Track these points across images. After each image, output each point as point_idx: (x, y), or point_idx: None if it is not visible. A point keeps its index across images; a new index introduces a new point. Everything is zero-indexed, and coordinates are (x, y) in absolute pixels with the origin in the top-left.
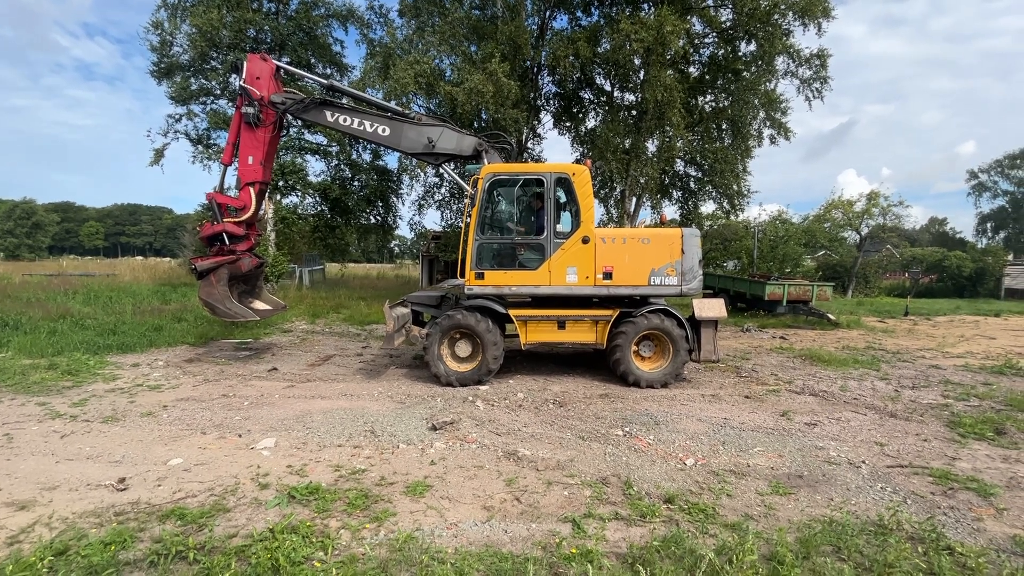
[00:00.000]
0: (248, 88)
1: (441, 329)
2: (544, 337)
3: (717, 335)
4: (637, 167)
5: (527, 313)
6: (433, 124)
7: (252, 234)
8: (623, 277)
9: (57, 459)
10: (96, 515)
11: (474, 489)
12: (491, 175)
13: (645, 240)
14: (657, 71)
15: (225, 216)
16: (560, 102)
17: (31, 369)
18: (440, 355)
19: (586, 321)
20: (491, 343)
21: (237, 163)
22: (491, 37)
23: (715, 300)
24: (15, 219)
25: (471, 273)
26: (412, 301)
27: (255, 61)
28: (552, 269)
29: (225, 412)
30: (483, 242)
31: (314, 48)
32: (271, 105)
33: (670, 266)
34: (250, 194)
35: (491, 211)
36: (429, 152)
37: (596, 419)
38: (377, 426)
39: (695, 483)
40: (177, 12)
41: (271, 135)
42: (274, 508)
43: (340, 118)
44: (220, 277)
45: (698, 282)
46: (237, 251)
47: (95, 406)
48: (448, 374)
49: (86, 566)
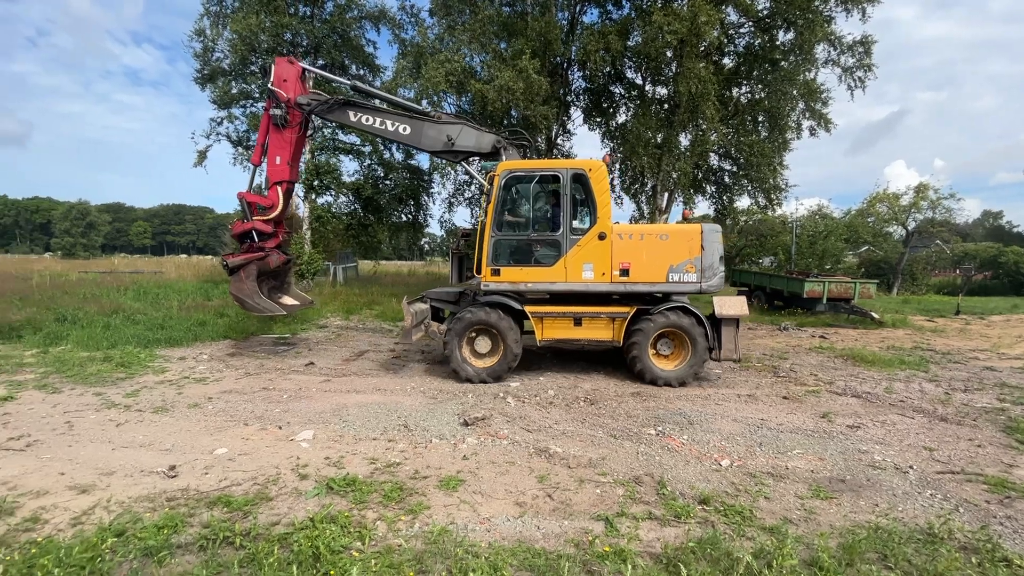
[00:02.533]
0: (275, 90)
1: (460, 326)
2: (560, 334)
3: (739, 333)
4: (669, 162)
5: (543, 310)
6: (452, 122)
7: (280, 231)
8: (640, 274)
9: (113, 446)
10: (150, 500)
11: (506, 485)
12: (507, 171)
13: (663, 236)
14: (691, 63)
15: (255, 214)
16: (590, 97)
17: (88, 361)
18: (460, 351)
19: (603, 318)
20: (511, 339)
21: (266, 163)
22: (521, 34)
23: (737, 298)
24: (71, 220)
25: (487, 269)
26: (431, 297)
27: (282, 64)
28: (568, 265)
29: (266, 404)
30: (499, 238)
31: (348, 50)
32: (297, 107)
33: (689, 263)
34: (278, 193)
35: (507, 207)
36: (449, 150)
37: (628, 417)
38: (410, 420)
39: (731, 484)
40: (219, 19)
41: (297, 136)
42: (313, 498)
43: (363, 118)
44: (249, 273)
45: (719, 279)
46: (266, 248)
47: (146, 397)
48: (468, 370)
49: (143, 548)
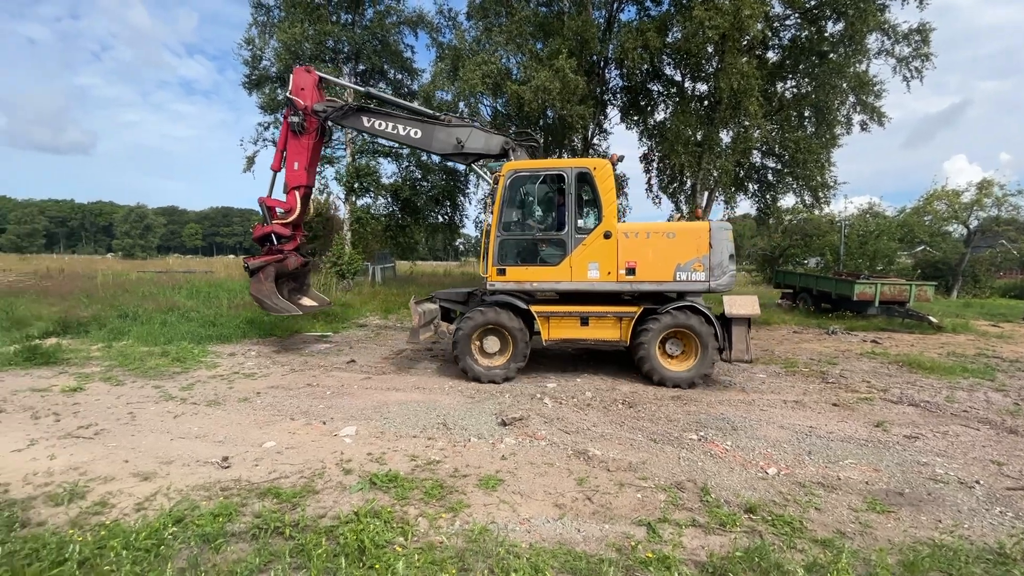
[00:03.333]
0: (293, 98)
1: (469, 326)
2: (566, 334)
3: (750, 333)
4: (710, 160)
5: (549, 309)
6: (462, 125)
7: (298, 235)
8: (647, 273)
9: (171, 437)
10: (205, 489)
11: (545, 486)
12: (512, 171)
13: (670, 234)
14: (733, 58)
15: (274, 218)
16: (627, 95)
17: (148, 356)
18: (469, 351)
19: (609, 318)
20: (519, 339)
21: (284, 169)
22: (557, 33)
23: (748, 297)
24: (130, 222)
25: (493, 269)
26: (440, 297)
27: (299, 73)
28: (573, 265)
29: (310, 400)
30: (504, 238)
31: (387, 55)
32: (314, 113)
33: (697, 261)
34: (296, 197)
35: (512, 207)
36: (458, 152)
37: (668, 421)
38: (449, 419)
39: (779, 494)
40: (266, 29)
41: (314, 142)
42: (357, 493)
43: (376, 123)
44: (268, 275)
45: (729, 278)
46: (284, 251)
47: (200, 391)
48: (477, 369)
49: (200, 534)
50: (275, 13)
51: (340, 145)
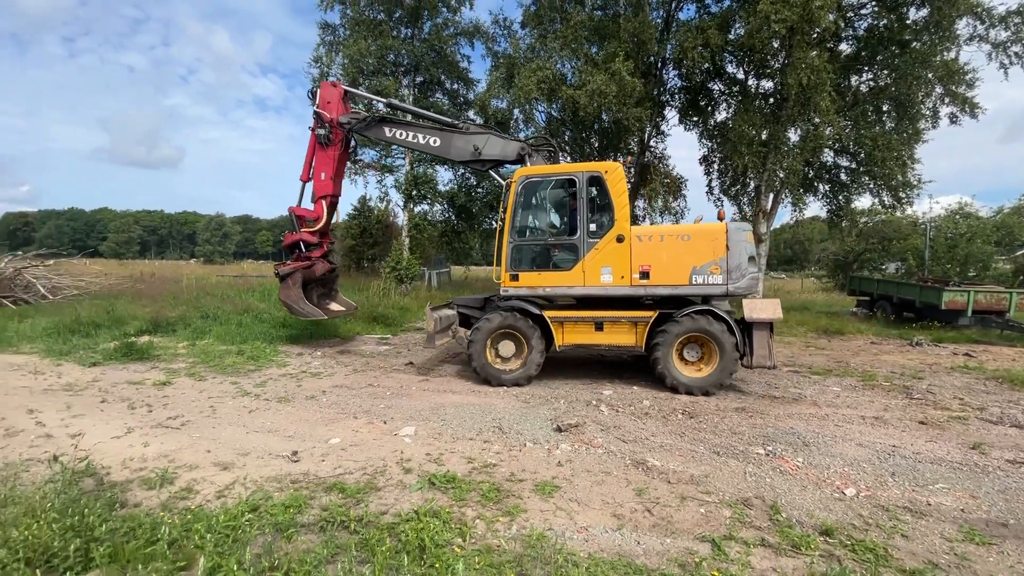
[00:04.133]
0: (320, 112)
1: (484, 331)
2: (580, 339)
3: (773, 339)
4: (775, 160)
5: (562, 314)
6: (479, 132)
7: (325, 242)
8: (661, 276)
9: (247, 430)
10: (277, 480)
11: (602, 495)
12: (523, 177)
13: (685, 237)
14: (802, 52)
15: (303, 227)
16: (686, 96)
17: (226, 354)
18: (484, 355)
19: (624, 322)
20: (535, 344)
21: (312, 180)
22: (613, 36)
23: (769, 300)
24: (211, 230)
25: (506, 275)
26: (458, 304)
27: (326, 87)
28: (586, 269)
29: (371, 400)
30: (517, 244)
31: (444, 66)
32: (339, 126)
33: (714, 264)
34: (322, 206)
35: (524, 213)
36: (476, 159)
37: (732, 434)
38: (504, 423)
39: (858, 517)
40: (332, 47)
41: (339, 152)
42: (417, 492)
43: (397, 132)
44: (296, 280)
45: (748, 281)
46: (312, 257)
47: (272, 388)
48: (492, 373)
49: (273, 523)
50: (341, 32)
51: (399, 155)
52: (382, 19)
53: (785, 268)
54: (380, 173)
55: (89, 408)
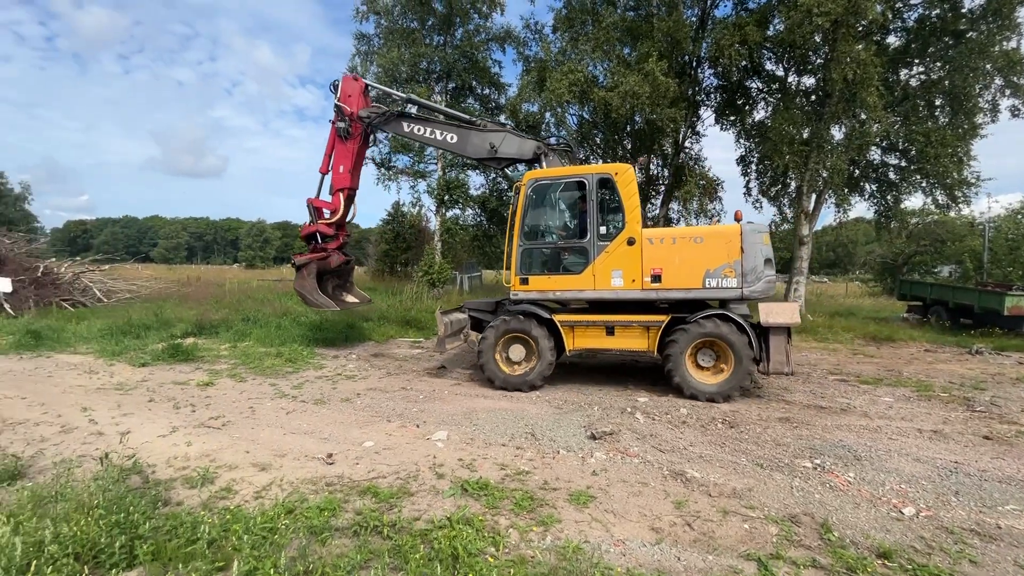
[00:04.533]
0: (341, 105)
1: (493, 335)
2: (591, 343)
3: (790, 344)
4: (818, 159)
5: (573, 318)
6: (496, 130)
7: (342, 234)
8: (673, 280)
9: (284, 431)
10: (312, 483)
11: (639, 507)
12: (533, 180)
13: (698, 239)
14: (847, 46)
15: (320, 219)
16: (723, 95)
17: (265, 356)
18: (494, 360)
19: (635, 327)
20: (544, 348)
21: (331, 172)
22: (646, 36)
23: (787, 304)
24: (252, 236)
25: (515, 279)
26: (469, 307)
27: (348, 81)
28: (596, 273)
29: (405, 403)
30: (527, 247)
31: (475, 72)
32: (359, 119)
33: (728, 267)
34: (340, 199)
35: (534, 216)
36: (492, 157)
37: (776, 445)
38: (537, 429)
39: (919, 539)
40: (367, 57)
41: (358, 146)
42: (450, 498)
43: (415, 128)
44: (311, 271)
45: (764, 284)
46: (328, 249)
47: (309, 390)
48: (502, 377)
49: (308, 526)
50: (375, 41)
51: (432, 160)
52: (415, 27)
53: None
54: (413, 179)
55: (138, 407)
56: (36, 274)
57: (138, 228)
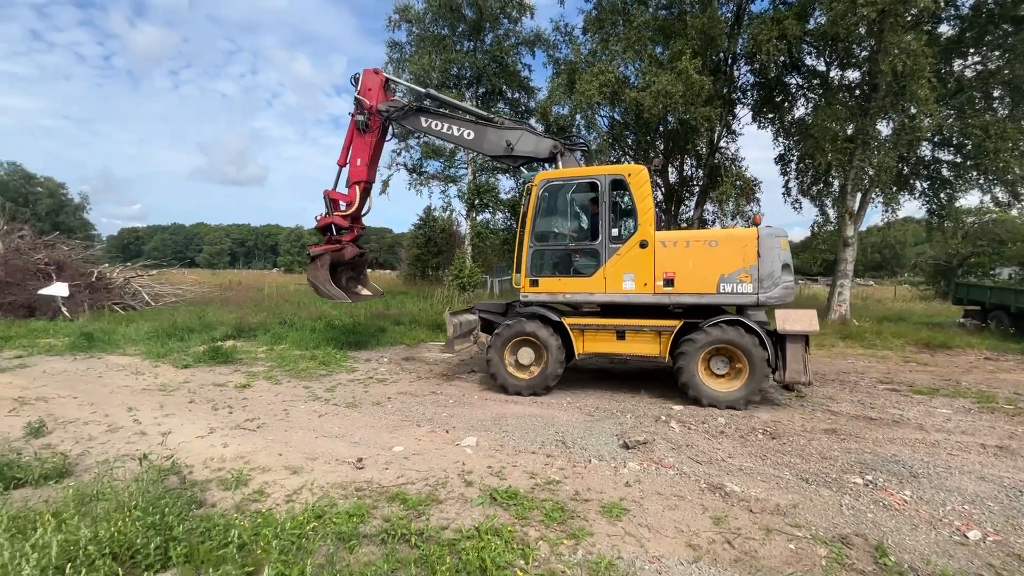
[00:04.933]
0: (361, 99)
1: (502, 338)
2: (601, 348)
3: (808, 352)
4: (864, 156)
5: (583, 322)
6: (513, 128)
7: (356, 227)
8: (686, 284)
9: (316, 435)
10: (342, 487)
11: (676, 521)
12: (544, 181)
13: (713, 243)
14: (895, 37)
15: (335, 210)
16: (760, 92)
17: (300, 359)
18: (502, 363)
19: (647, 331)
20: (553, 352)
21: (348, 165)
22: (679, 34)
23: (804, 311)
24: (291, 241)
25: (526, 280)
26: (480, 309)
27: (368, 75)
28: (607, 276)
29: (434, 408)
30: (537, 248)
31: (505, 76)
32: (377, 113)
33: (743, 272)
34: (356, 192)
35: (545, 217)
36: (508, 154)
37: (822, 459)
38: (567, 437)
39: (987, 567)
40: (399, 64)
41: (376, 139)
42: (478, 507)
43: (432, 123)
44: (324, 262)
45: (782, 290)
46: (342, 241)
47: (341, 393)
48: (510, 381)
49: (336, 532)
50: (407, 49)
51: (463, 165)
52: (446, 34)
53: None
54: (444, 183)
55: (179, 408)
56: (91, 279)
57: (185, 234)
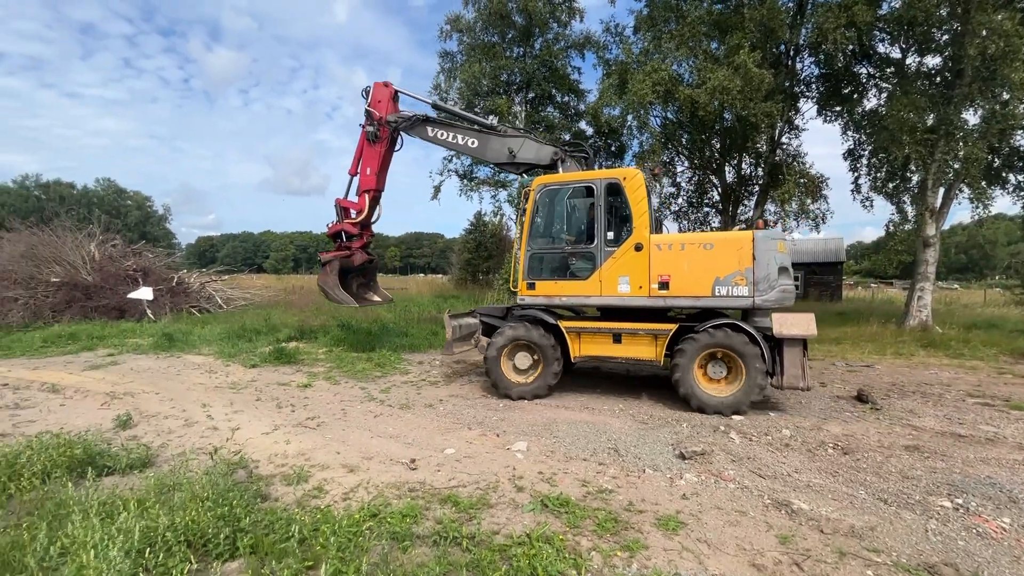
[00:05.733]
0: (371, 110)
1: (500, 342)
2: (597, 351)
3: (807, 357)
4: (947, 148)
5: (579, 325)
6: (515, 135)
7: (366, 234)
8: (681, 287)
9: (372, 435)
10: (396, 487)
11: (737, 538)
12: (541, 185)
13: (707, 246)
14: (983, 16)
15: (346, 218)
16: (825, 84)
17: (357, 360)
18: (500, 367)
19: (643, 335)
20: (550, 356)
21: (359, 174)
22: (736, 28)
23: (802, 315)
24: None
25: (523, 283)
26: (481, 313)
27: (378, 87)
28: (603, 279)
29: (485, 411)
30: (534, 252)
31: (555, 80)
32: (386, 123)
33: (738, 275)
34: (365, 200)
35: (542, 221)
36: (511, 162)
37: (903, 479)
38: (620, 445)
39: None
40: (451, 73)
41: (385, 149)
42: (529, 513)
43: (438, 133)
44: (333, 268)
45: (778, 293)
46: (352, 247)
47: (395, 394)
48: (507, 384)
49: (390, 532)
50: (458, 58)
51: None
52: (495, 41)
53: (958, 277)
54: (494, 188)
55: (247, 405)
56: (172, 284)
57: (253, 242)
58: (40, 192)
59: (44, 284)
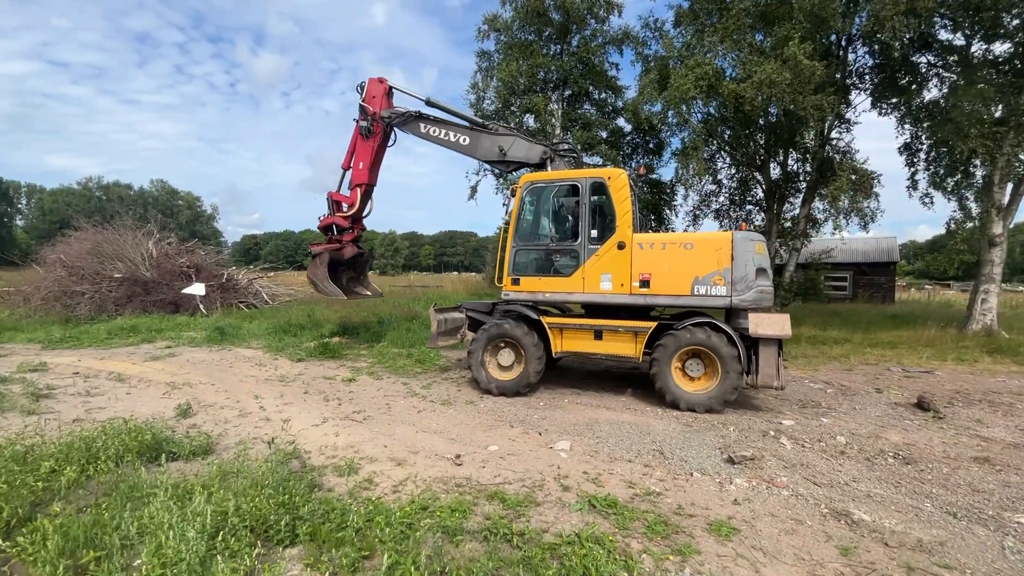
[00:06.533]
0: (365, 106)
1: (483, 338)
2: (578, 347)
3: (782, 357)
4: (1017, 141)
5: (561, 321)
6: (506, 134)
7: (357, 228)
8: (662, 286)
9: (416, 429)
10: (443, 482)
11: (795, 547)
12: (528, 183)
13: (688, 245)
14: None
15: (338, 211)
16: (880, 75)
17: (397, 356)
18: (482, 362)
19: (623, 332)
20: (531, 352)
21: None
22: (784, 19)
23: (777, 315)
24: (384, 246)
25: (507, 279)
26: (467, 307)
27: (373, 83)
28: (586, 276)
29: (526, 409)
30: (520, 248)
31: (592, 77)
32: (380, 119)
33: (717, 275)
34: (357, 194)
35: (528, 218)
36: (501, 160)
37: (973, 492)
38: (665, 447)
39: None
40: (488, 72)
41: (378, 144)
42: (576, 512)
43: (430, 129)
44: (323, 260)
45: (755, 293)
46: (342, 241)
47: (436, 390)
48: (486, 380)
49: (442, 526)
50: (495, 58)
51: None
52: (532, 39)
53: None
54: None
55: (296, 397)
56: (222, 280)
57: (295, 240)
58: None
59: (108, 279)
